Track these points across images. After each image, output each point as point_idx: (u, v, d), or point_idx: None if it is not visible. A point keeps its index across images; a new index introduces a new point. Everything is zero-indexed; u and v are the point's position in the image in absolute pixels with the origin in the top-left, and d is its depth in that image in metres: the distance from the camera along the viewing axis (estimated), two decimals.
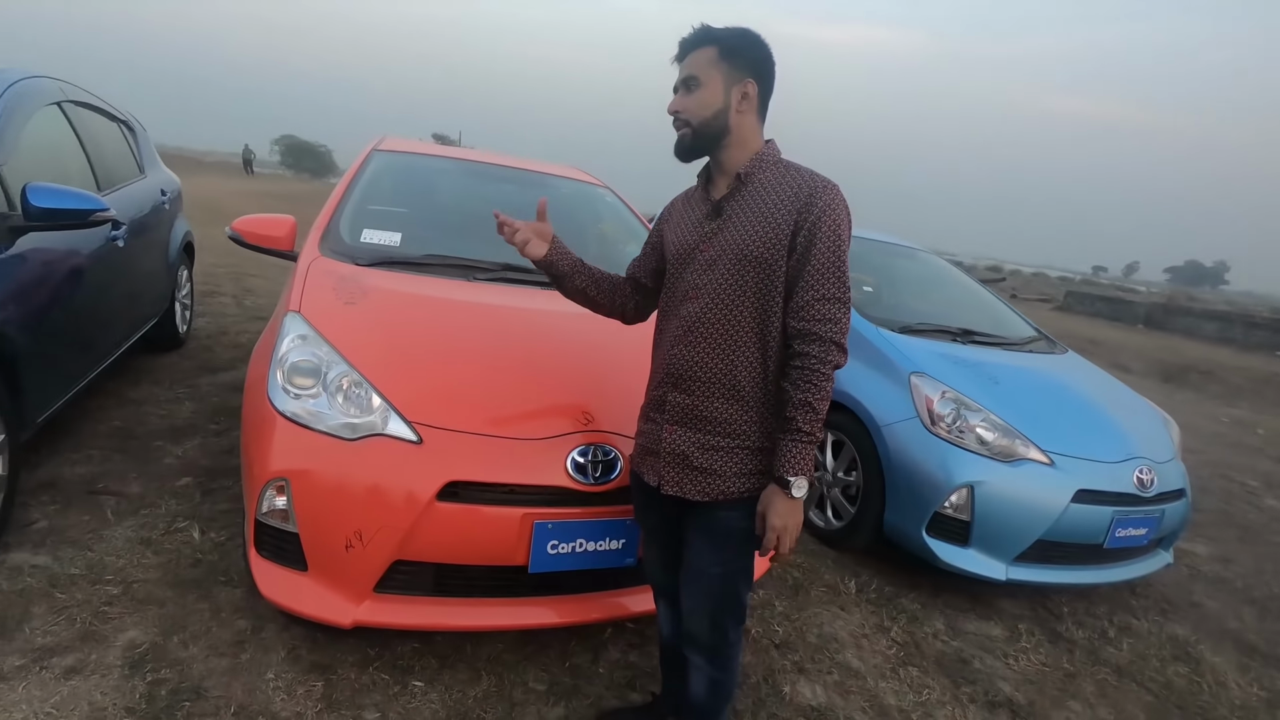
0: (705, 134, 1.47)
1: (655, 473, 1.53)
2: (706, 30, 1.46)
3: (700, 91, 1.45)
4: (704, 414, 1.47)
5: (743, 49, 1.45)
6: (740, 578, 1.53)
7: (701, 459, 1.47)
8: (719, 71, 1.44)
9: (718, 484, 1.46)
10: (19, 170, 2.44)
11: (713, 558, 1.51)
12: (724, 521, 1.48)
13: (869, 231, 4.44)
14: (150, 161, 4.20)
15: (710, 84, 1.44)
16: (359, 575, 1.77)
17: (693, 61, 1.46)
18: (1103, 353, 12.39)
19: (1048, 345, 3.82)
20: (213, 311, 5.46)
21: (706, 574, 1.51)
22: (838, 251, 1.40)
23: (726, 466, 1.46)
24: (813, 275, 1.39)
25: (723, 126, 1.46)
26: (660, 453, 1.52)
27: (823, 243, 1.39)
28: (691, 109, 1.46)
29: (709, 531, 1.50)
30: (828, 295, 1.39)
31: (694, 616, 1.54)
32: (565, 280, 1.74)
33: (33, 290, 2.39)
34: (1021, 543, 2.72)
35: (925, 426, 2.86)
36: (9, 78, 2.65)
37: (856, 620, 2.61)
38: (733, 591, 1.52)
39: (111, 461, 2.85)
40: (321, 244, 2.47)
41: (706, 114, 1.45)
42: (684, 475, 1.48)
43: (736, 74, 1.45)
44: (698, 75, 1.45)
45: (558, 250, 1.71)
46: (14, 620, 1.91)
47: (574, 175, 3.53)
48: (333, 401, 1.82)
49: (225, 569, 2.26)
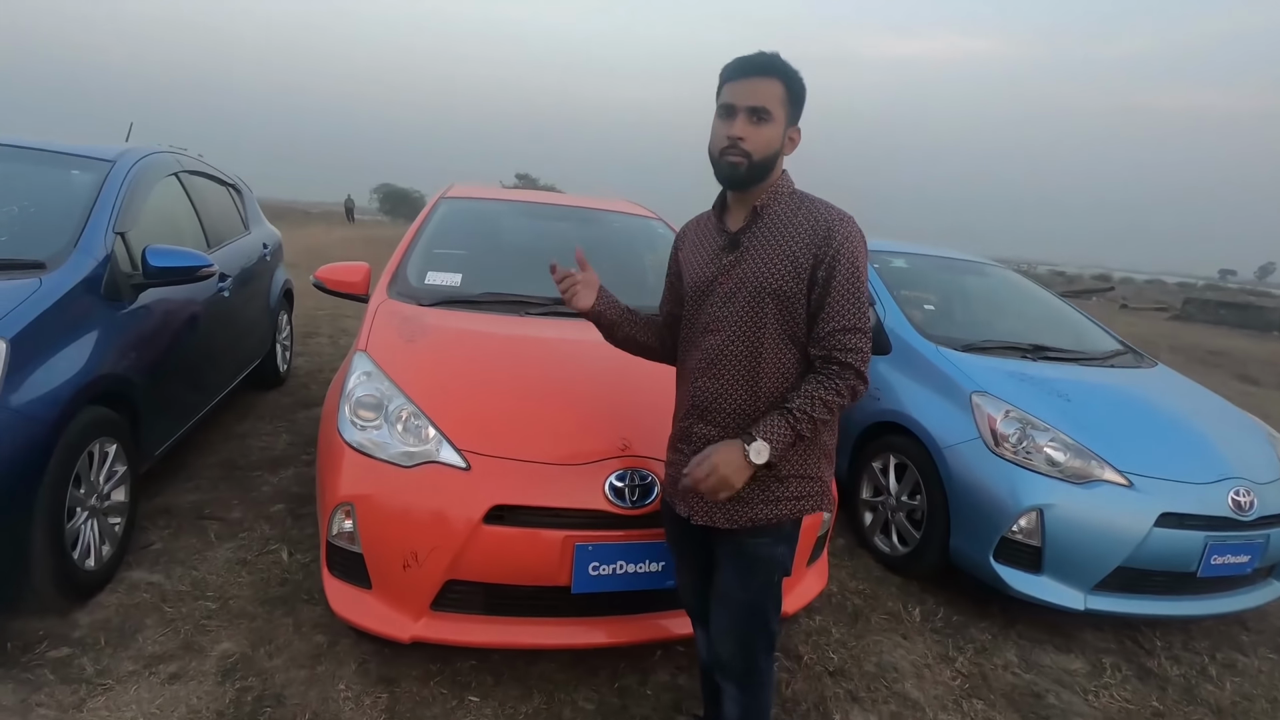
0: (759, 170, 1.45)
1: (685, 503, 1.56)
2: (775, 61, 1.42)
3: (768, 127, 1.42)
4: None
5: (802, 96, 1.45)
6: (769, 605, 1.54)
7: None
8: (784, 112, 1.44)
9: (745, 511, 1.48)
10: (142, 234, 2.81)
11: (740, 584, 1.53)
12: (751, 548, 1.51)
13: (932, 248, 4.34)
14: (254, 218, 4.68)
15: (777, 122, 1.43)
16: (416, 593, 1.90)
17: (764, 92, 1.41)
18: (1226, 364, 11.32)
19: (1134, 359, 3.59)
20: (311, 351, 5.94)
21: (734, 600, 1.53)
22: (856, 282, 1.42)
23: (753, 494, 1.47)
24: (834, 306, 1.41)
25: (771, 167, 1.46)
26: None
27: (842, 274, 1.41)
28: (757, 143, 1.42)
29: (737, 558, 1.52)
30: (848, 325, 1.41)
31: (723, 642, 1.56)
32: (615, 329, 1.75)
33: (152, 339, 2.73)
34: (1100, 570, 2.56)
35: (989, 447, 2.75)
36: (135, 155, 3.07)
37: (919, 649, 2.52)
38: (761, 618, 1.54)
39: (217, 489, 3.17)
40: (390, 287, 2.70)
41: (768, 152, 1.43)
42: (712, 505, 1.50)
43: (793, 118, 1.46)
44: (770, 109, 1.41)
45: (604, 300, 1.71)
46: (130, 630, 2.17)
47: (627, 209, 3.66)
48: (393, 432, 1.99)
49: (308, 588, 2.47)
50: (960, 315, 3.89)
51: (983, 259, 4.45)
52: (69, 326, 2.25)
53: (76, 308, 2.30)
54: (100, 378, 2.29)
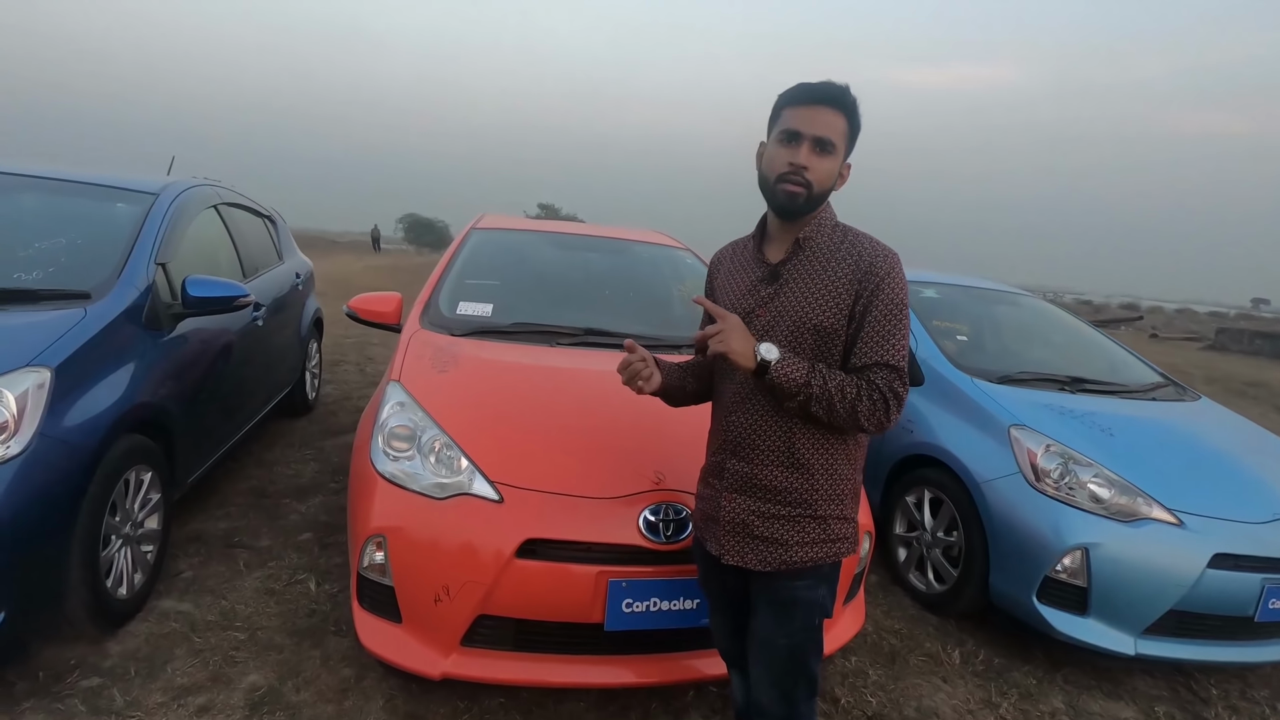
0: (815, 202, 1.42)
1: (717, 541, 1.52)
2: (851, 98, 1.39)
3: (831, 160, 1.39)
4: (764, 482, 1.45)
5: (858, 131, 1.43)
6: (809, 649, 1.48)
7: (763, 528, 1.45)
8: (844, 146, 1.41)
9: (780, 553, 1.44)
10: (182, 265, 2.87)
11: (779, 629, 1.47)
12: (789, 592, 1.46)
13: (964, 278, 4.29)
14: (288, 249, 4.77)
15: (838, 155, 1.40)
16: (447, 628, 1.87)
17: (830, 124, 1.38)
18: (1265, 396, 10.98)
19: (1175, 392, 3.49)
20: (338, 379, 6.00)
21: (773, 645, 1.48)
22: (895, 319, 1.38)
23: (789, 535, 1.44)
24: (868, 340, 1.38)
25: (824, 199, 1.44)
26: (720, 520, 1.51)
27: (879, 309, 1.38)
28: (819, 174, 1.39)
29: (774, 603, 1.48)
30: (881, 361, 1.37)
31: (762, 687, 1.50)
32: (675, 393, 1.68)
33: (188, 367, 2.77)
34: (1151, 613, 2.45)
35: (1029, 483, 2.68)
36: (177, 189, 3.15)
37: (961, 693, 2.43)
38: (802, 663, 1.48)
39: (246, 517, 3.18)
40: (422, 317, 2.72)
41: (827, 185, 1.41)
42: (745, 544, 1.47)
43: (848, 153, 1.44)
44: (835, 142, 1.39)
45: (665, 372, 1.64)
46: (160, 661, 2.16)
47: (655, 239, 3.68)
48: (425, 463, 1.98)
49: (336, 619, 2.44)
50: (993, 346, 3.83)
51: (1014, 288, 4.39)
52: (111, 356, 2.28)
53: (118, 337, 2.35)
54: (139, 406, 2.32)
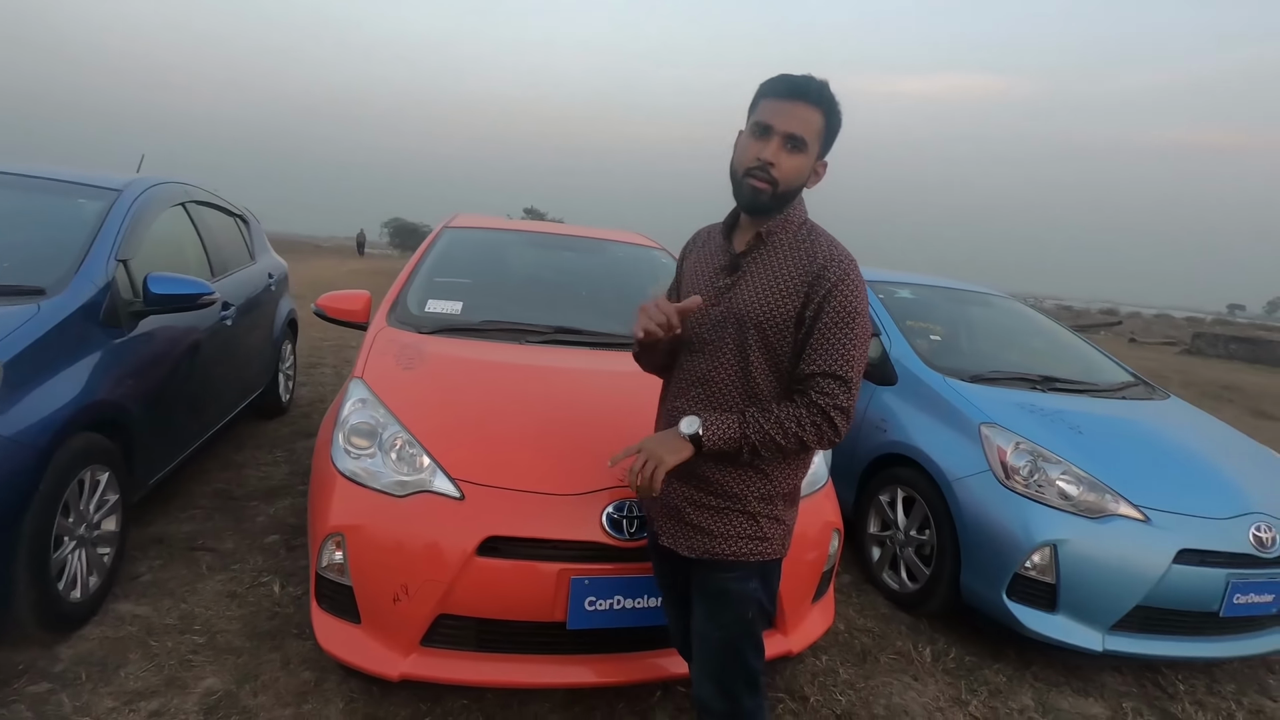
0: (781, 200, 1.38)
1: (655, 523, 1.53)
2: (828, 95, 1.34)
3: (800, 157, 1.35)
4: (699, 471, 1.43)
5: (838, 129, 1.38)
6: (745, 643, 1.46)
7: (694, 515, 1.45)
8: (818, 143, 1.37)
9: (708, 543, 1.43)
10: (146, 262, 2.81)
11: (712, 621, 1.46)
12: (720, 583, 1.45)
13: (938, 278, 4.31)
14: (261, 249, 4.70)
15: (810, 153, 1.36)
16: (406, 628, 1.84)
17: (805, 120, 1.34)
18: (1239, 400, 11.14)
19: (1145, 391, 3.52)
20: (314, 381, 5.92)
21: (708, 637, 1.47)
22: (846, 328, 1.34)
23: (719, 527, 1.43)
24: (815, 349, 1.34)
25: (794, 197, 1.41)
26: (658, 502, 1.51)
27: (830, 317, 1.34)
28: (787, 172, 1.35)
29: (707, 594, 1.47)
30: (827, 370, 1.33)
31: (701, 682, 1.49)
32: (656, 357, 1.59)
33: (151, 366, 2.71)
34: (1118, 609, 2.46)
35: (999, 480, 2.68)
36: (142, 185, 3.10)
37: (931, 691, 2.42)
38: (738, 657, 1.45)
39: (212, 520, 3.11)
40: (389, 315, 2.68)
41: (795, 182, 1.37)
42: (677, 529, 1.47)
43: (824, 150, 1.40)
44: (807, 140, 1.34)
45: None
46: (113, 665, 2.10)
47: (630, 239, 3.66)
48: (386, 460, 1.95)
49: (299, 622, 2.39)
50: (967, 346, 3.85)
51: (988, 289, 4.41)
52: (65, 352, 2.23)
53: (74, 333, 2.29)
54: (95, 404, 2.27)
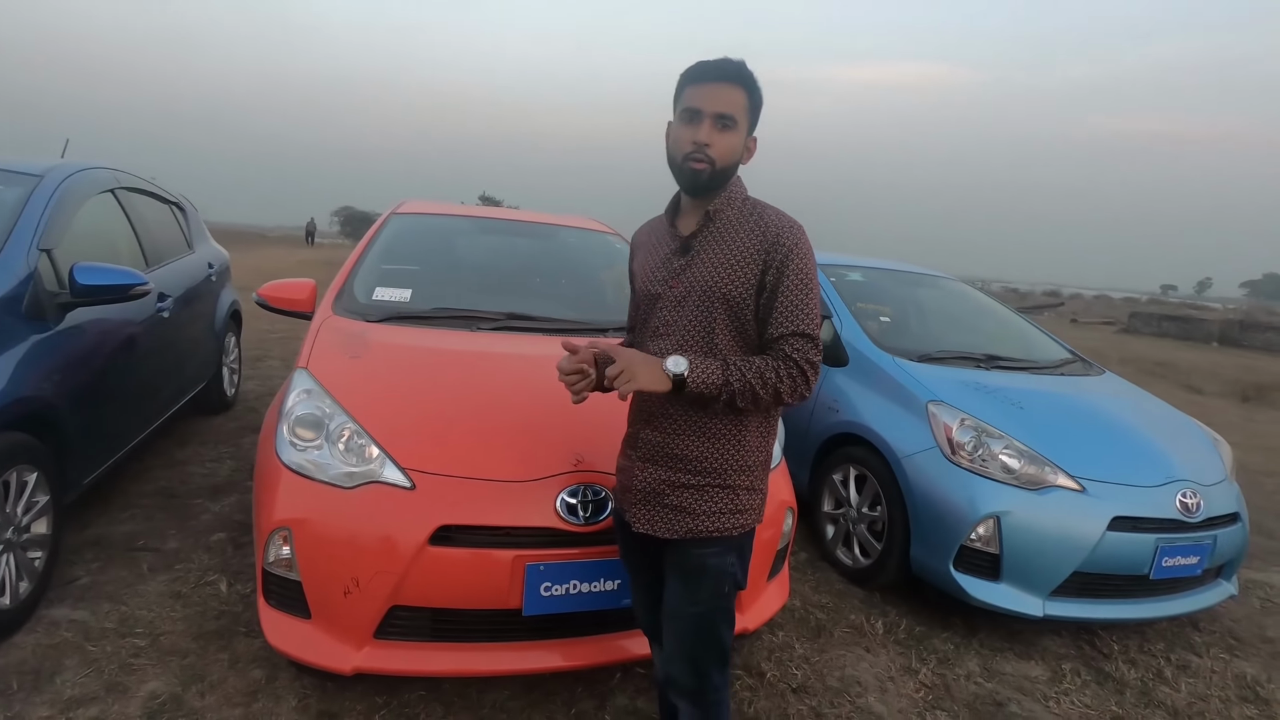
0: (720, 177, 1.43)
1: (630, 510, 1.53)
2: (742, 69, 1.40)
3: (732, 135, 1.41)
4: (675, 451, 1.46)
5: (759, 105, 1.44)
6: (719, 618, 1.49)
7: (673, 497, 1.46)
8: (746, 119, 1.43)
9: (688, 522, 1.45)
10: (71, 252, 2.67)
11: (689, 598, 1.47)
12: (698, 559, 1.46)
13: (887, 262, 4.40)
14: (199, 238, 4.52)
15: (740, 130, 1.42)
16: (358, 621, 1.80)
17: (730, 99, 1.40)
18: (1172, 375, 11.73)
19: (1083, 367, 3.67)
20: (261, 375, 5.74)
21: (683, 615, 1.48)
22: (805, 289, 1.40)
23: (698, 504, 1.45)
24: (782, 311, 1.40)
25: (732, 174, 1.46)
26: (633, 489, 1.52)
27: (790, 280, 1.40)
28: (722, 150, 1.41)
29: (683, 570, 1.48)
30: (796, 330, 1.39)
31: (674, 660, 1.51)
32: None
33: (80, 361, 2.58)
34: (1057, 575, 2.57)
35: (946, 456, 2.77)
36: (65, 170, 2.93)
37: (883, 662, 2.49)
38: (712, 633, 1.48)
39: (153, 519, 3.00)
40: (335, 303, 2.60)
41: (731, 159, 1.43)
42: (655, 513, 1.48)
43: (752, 126, 1.45)
44: (735, 116, 1.40)
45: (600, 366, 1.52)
46: (47, 673, 2.01)
47: (584, 224, 3.63)
48: (334, 451, 1.90)
49: (247, 620, 2.33)
50: (915, 327, 3.94)
51: (935, 271, 4.53)
52: None
53: None
54: (19, 401, 2.15)
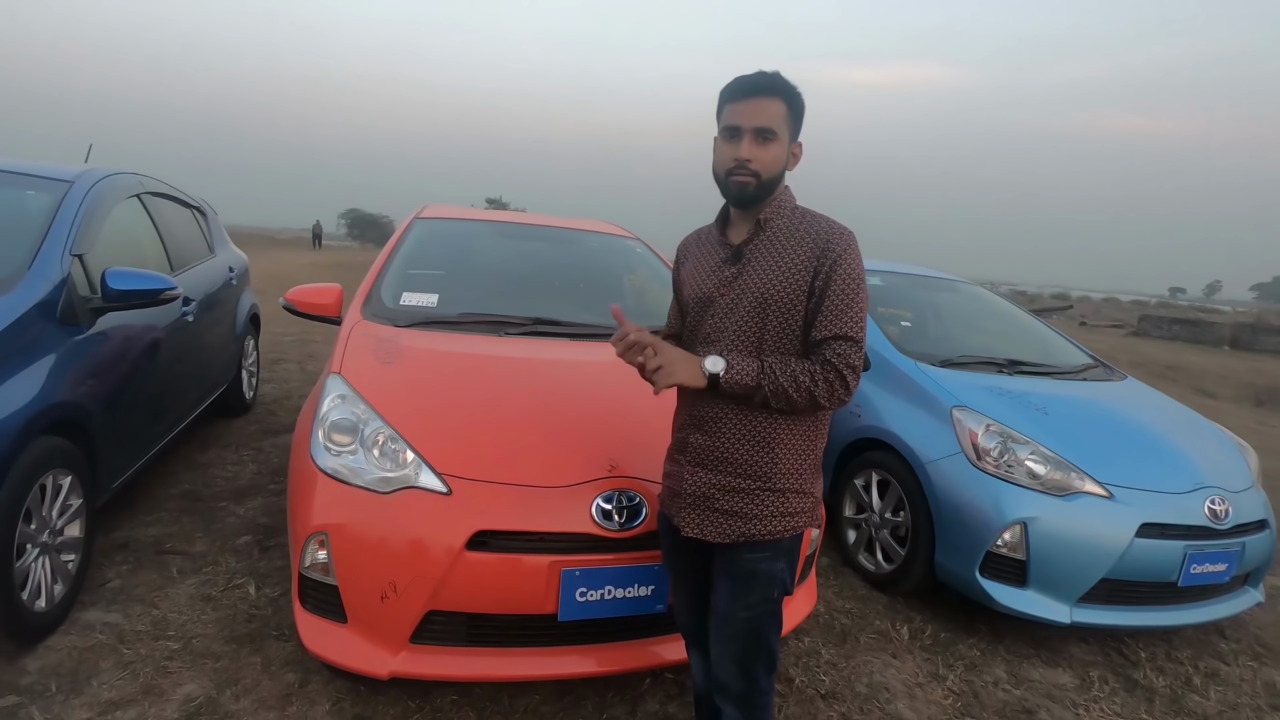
0: (767, 188, 1.47)
1: (679, 515, 1.54)
2: (778, 80, 1.44)
3: (774, 146, 1.44)
4: (726, 456, 1.48)
5: (801, 112, 1.47)
6: (768, 622, 1.50)
7: (724, 501, 1.47)
8: (787, 130, 1.46)
9: (740, 526, 1.46)
10: (102, 257, 2.70)
11: (738, 602, 1.49)
12: (748, 564, 1.48)
13: (907, 266, 4.40)
14: (220, 242, 4.55)
15: (782, 140, 1.45)
16: (395, 626, 1.81)
17: (769, 112, 1.43)
18: (1183, 379, 11.67)
19: (1104, 373, 3.66)
20: (278, 378, 5.77)
21: (733, 619, 1.49)
22: (853, 294, 1.42)
23: (749, 508, 1.46)
24: (828, 314, 1.41)
25: (778, 183, 1.49)
26: (683, 494, 1.53)
27: (838, 285, 1.41)
28: (765, 163, 1.44)
29: (733, 575, 1.49)
30: (840, 333, 1.41)
31: (722, 663, 1.52)
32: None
33: (111, 366, 2.61)
34: (1084, 582, 2.56)
35: (971, 462, 2.76)
36: (94, 176, 2.96)
37: (909, 668, 2.49)
38: (761, 637, 1.50)
39: (180, 522, 3.02)
40: (364, 309, 2.62)
41: (776, 170, 1.46)
42: (705, 518, 1.49)
43: (794, 134, 1.48)
44: (775, 129, 1.43)
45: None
46: (84, 675, 2.03)
47: (604, 229, 3.64)
48: (369, 457, 1.91)
49: (278, 623, 2.35)
50: (936, 331, 3.94)
51: (954, 276, 4.52)
52: (21, 353, 2.13)
53: (30, 333, 2.19)
54: (54, 406, 2.17)
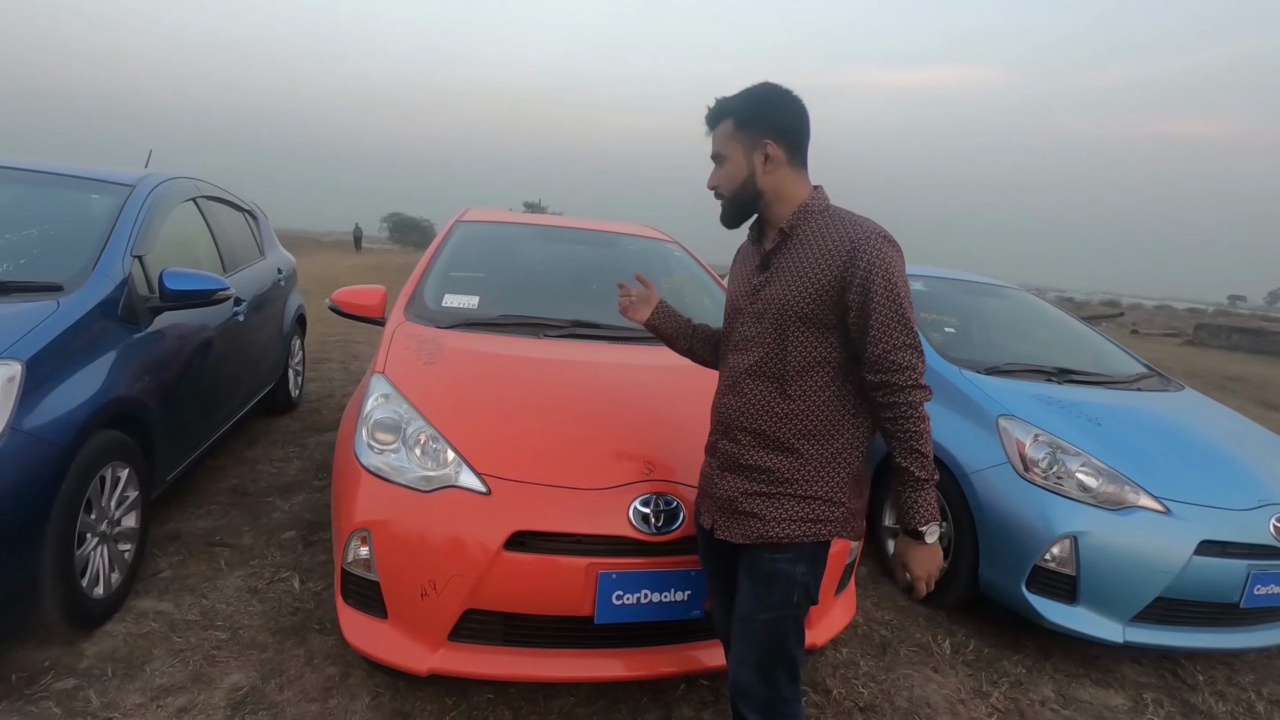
0: (739, 202, 1.54)
1: (709, 515, 1.57)
2: (721, 105, 1.52)
3: (724, 166, 1.51)
4: (749, 462, 1.49)
5: (756, 114, 1.48)
6: (788, 626, 1.48)
7: (746, 504, 1.49)
8: (738, 143, 1.49)
9: (760, 527, 1.46)
10: (159, 258, 2.81)
11: (758, 603, 1.48)
12: (768, 564, 1.47)
13: (952, 271, 4.30)
14: (270, 244, 4.69)
15: (733, 156, 1.50)
16: (434, 623, 1.84)
17: (716, 138, 1.53)
18: (1244, 390, 11.15)
19: (1160, 382, 3.52)
20: (322, 376, 5.92)
21: (752, 620, 1.49)
22: (896, 300, 1.38)
23: (769, 511, 1.46)
24: (878, 329, 1.38)
25: (754, 191, 1.51)
26: (713, 495, 1.56)
27: (879, 295, 1.37)
28: (722, 183, 1.53)
29: (753, 575, 1.49)
30: (898, 344, 1.38)
31: (742, 666, 1.51)
32: (674, 341, 1.87)
33: (167, 363, 2.71)
34: (1139, 600, 2.46)
35: (1017, 472, 2.68)
36: (154, 181, 3.08)
37: (952, 683, 2.42)
38: (780, 641, 1.48)
39: (228, 516, 3.12)
40: (407, 310, 2.67)
41: (735, 185, 1.51)
42: (730, 520, 1.51)
43: (755, 139, 1.48)
44: (721, 151, 1.52)
45: (661, 314, 1.84)
46: (138, 661, 2.10)
47: (643, 232, 3.65)
48: (411, 455, 1.94)
49: (320, 617, 2.40)
50: (981, 338, 3.84)
51: (1000, 281, 4.40)
52: (85, 349, 2.23)
53: (93, 330, 2.29)
54: (115, 400, 2.27)
